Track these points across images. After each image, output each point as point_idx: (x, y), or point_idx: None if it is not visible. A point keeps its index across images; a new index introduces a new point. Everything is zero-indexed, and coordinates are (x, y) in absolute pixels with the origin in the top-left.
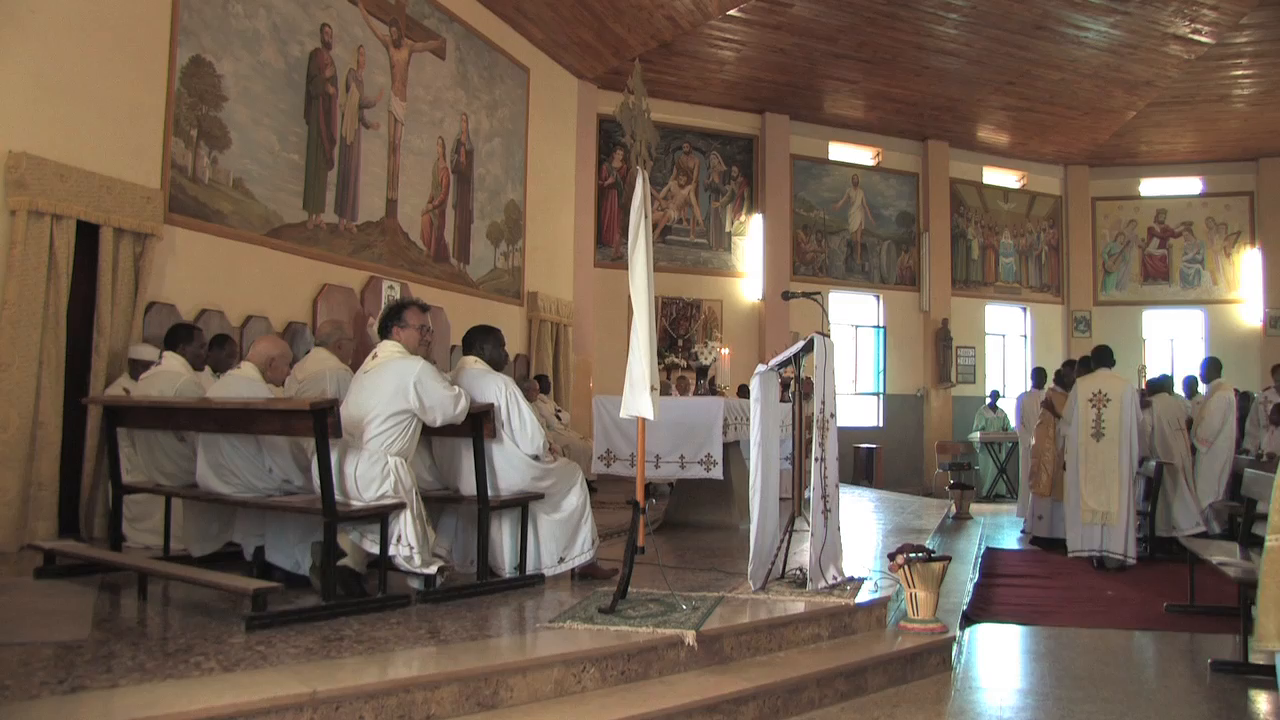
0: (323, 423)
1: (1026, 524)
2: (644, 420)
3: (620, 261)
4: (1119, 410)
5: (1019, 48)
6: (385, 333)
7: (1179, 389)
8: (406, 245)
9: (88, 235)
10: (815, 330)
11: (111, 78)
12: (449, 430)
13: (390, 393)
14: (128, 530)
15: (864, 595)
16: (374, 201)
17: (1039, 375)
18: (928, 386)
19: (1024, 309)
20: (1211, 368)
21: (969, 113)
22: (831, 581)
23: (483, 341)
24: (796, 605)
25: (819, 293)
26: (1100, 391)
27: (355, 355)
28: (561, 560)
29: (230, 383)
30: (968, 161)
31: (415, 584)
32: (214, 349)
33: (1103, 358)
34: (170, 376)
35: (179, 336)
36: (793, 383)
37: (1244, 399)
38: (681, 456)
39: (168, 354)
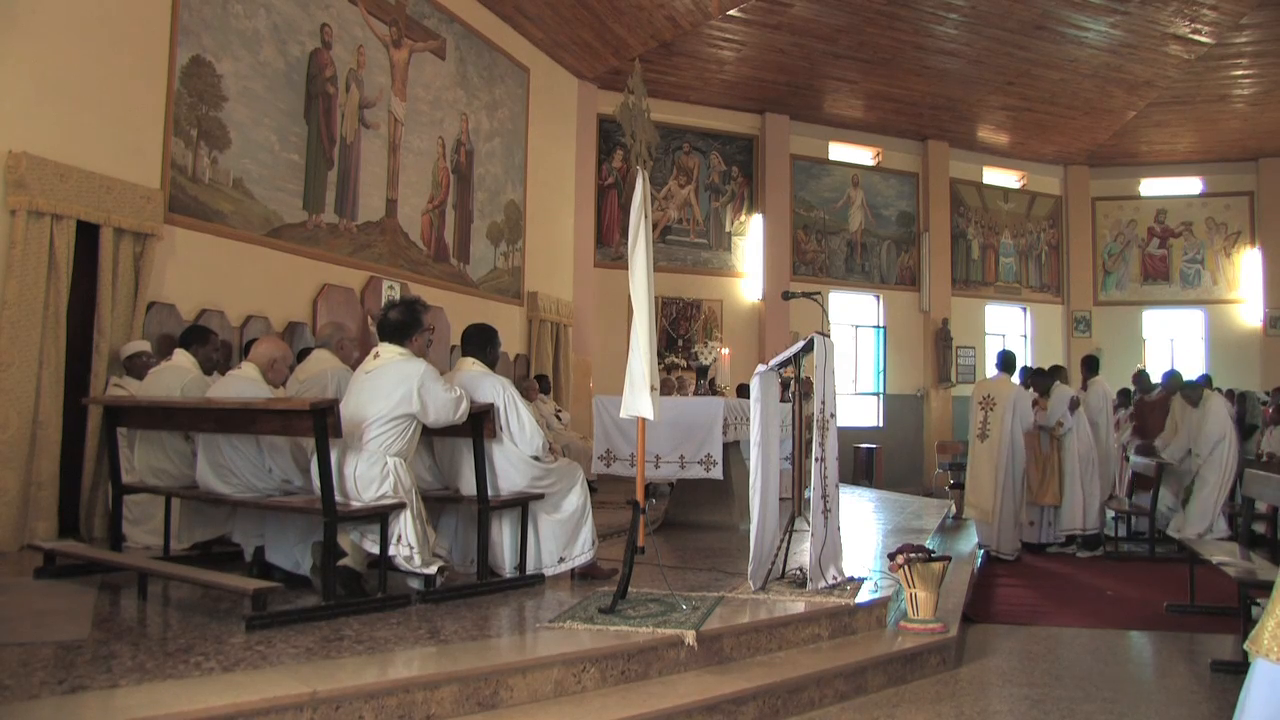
0: (323, 423)
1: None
2: (644, 420)
3: (620, 261)
4: (1002, 413)
5: (1019, 48)
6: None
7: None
8: (406, 245)
9: (88, 235)
10: (815, 330)
11: (111, 78)
12: (449, 430)
13: (393, 396)
14: (128, 530)
15: (864, 595)
16: (374, 201)
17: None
18: (928, 386)
19: (1024, 309)
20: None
21: (969, 113)
22: (831, 581)
23: (478, 343)
24: (796, 605)
25: (819, 293)
26: (989, 395)
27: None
28: (561, 560)
29: (231, 383)
30: (968, 161)
31: (415, 584)
32: (198, 343)
33: (1007, 363)
34: (179, 372)
35: (193, 337)
36: (793, 383)
37: (1240, 399)
38: (681, 456)
39: (179, 351)
